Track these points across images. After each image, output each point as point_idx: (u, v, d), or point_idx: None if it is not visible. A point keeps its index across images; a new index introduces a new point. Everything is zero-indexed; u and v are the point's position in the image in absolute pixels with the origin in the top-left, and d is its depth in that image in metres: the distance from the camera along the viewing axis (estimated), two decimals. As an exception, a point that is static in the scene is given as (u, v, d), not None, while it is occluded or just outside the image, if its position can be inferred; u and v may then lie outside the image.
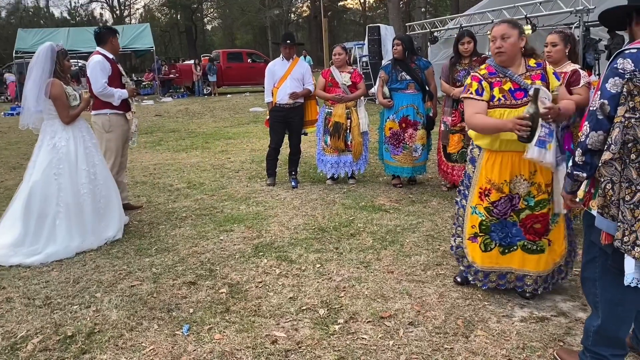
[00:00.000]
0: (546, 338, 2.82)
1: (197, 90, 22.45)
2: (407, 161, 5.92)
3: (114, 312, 3.26)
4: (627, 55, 2.06)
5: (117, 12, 48.97)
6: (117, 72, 5.07)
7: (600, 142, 2.10)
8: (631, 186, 2.02)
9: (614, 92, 2.05)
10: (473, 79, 3.12)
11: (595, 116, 2.10)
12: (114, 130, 5.10)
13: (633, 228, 2.01)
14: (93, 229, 4.42)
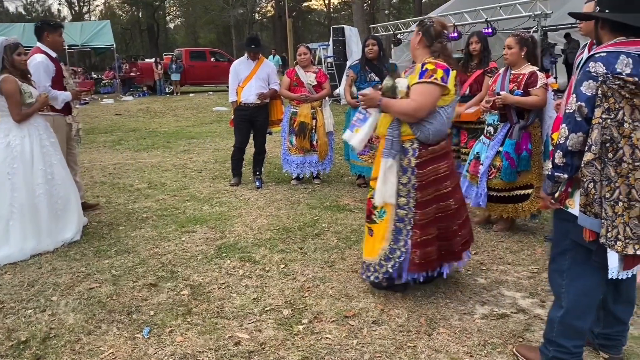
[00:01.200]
0: (506, 334, 2.88)
1: (158, 89, 22.07)
2: (373, 161, 5.93)
3: (71, 315, 3.16)
4: (598, 59, 2.14)
5: (76, 9, 47.68)
6: (61, 73, 4.86)
7: (580, 143, 2.15)
8: (610, 184, 2.09)
9: (589, 94, 2.12)
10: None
11: (574, 118, 2.16)
12: (56, 132, 4.87)
13: (614, 223, 2.09)
14: (49, 230, 4.27)
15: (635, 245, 2.11)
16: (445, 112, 3.09)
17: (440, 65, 3.03)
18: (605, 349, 2.61)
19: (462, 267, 3.57)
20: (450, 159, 3.25)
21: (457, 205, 3.24)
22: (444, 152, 3.17)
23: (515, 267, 3.78)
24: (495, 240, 4.32)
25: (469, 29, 11.19)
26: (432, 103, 3.01)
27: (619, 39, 2.17)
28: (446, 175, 3.15)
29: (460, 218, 3.26)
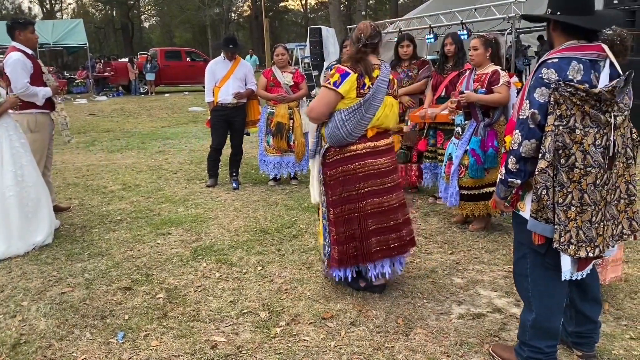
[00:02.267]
0: (482, 334, 2.90)
1: (133, 89, 21.77)
2: None
3: (42, 321, 3.08)
4: (550, 65, 2.16)
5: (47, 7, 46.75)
6: (39, 70, 4.77)
7: (533, 149, 2.17)
8: (563, 189, 2.12)
9: (542, 101, 2.14)
10: None
11: (527, 125, 2.17)
12: (40, 130, 4.80)
13: (567, 228, 2.12)
14: (20, 233, 4.17)
15: (588, 248, 2.15)
16: (340, 115, 3.09)
17: (340, 69, 3.09)
18: (579, 347, 2.65)
19: (400, 270, 3.45)
20: (371, 160, 3.17)
21: (383, 208, 3.21)
22: (358, 154, 3.15)
23: (491, 266, 3.82)
24: (471, 240, 4.36)
25: (445, 31, 11.29)
26: (323, 106, 3.12)
27: (570, 43, 2.20)
28: (361, 176, 3.16)
29: (392, 219, 3.24)
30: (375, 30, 3.18)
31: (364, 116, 3.08)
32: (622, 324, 2.97)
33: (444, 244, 4.27)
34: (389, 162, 3.24)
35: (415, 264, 3.86)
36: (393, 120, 3.27)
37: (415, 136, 5.43)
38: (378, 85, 3.10)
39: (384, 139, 3.23)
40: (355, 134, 3.10)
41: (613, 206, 2.23)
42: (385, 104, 3.15)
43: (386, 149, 3.23)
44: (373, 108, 3.10)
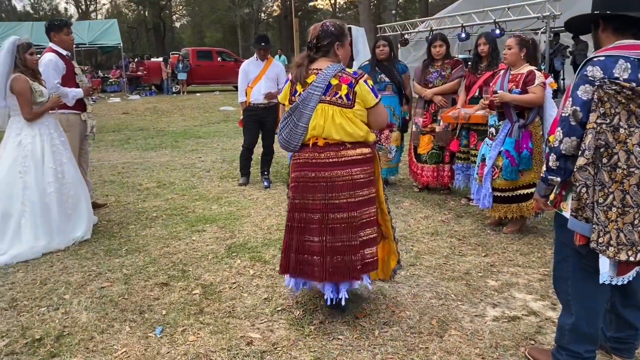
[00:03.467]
0: (518, 337, 2.88)
1: (165, 88, 22.12)
2: (382, 162, 5.95)
3: (84, 314, 3.18)
4: (596, 63, 2.13)
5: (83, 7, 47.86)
6: (72, 71, 4.90)
7: (574, 147, 2.16)
8: (604, 189, 2.09)
9: (585, 99, 2.11)
10: None
11: (568, 122, 2.15)
12: (71, 130, 4.91)
13: (607, 229, 2.08)
14: (60, 229, 4.30)
15: (629, 252, 2.10)
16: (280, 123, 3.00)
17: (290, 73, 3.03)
18: (618, 353, 2.60)
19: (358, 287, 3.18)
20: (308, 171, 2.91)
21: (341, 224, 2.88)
22: (299, 163, 2.96)
23: (526, 269, 3.78)
24: (506, 242, 4.32)
25: (477, 30, 11.18)
26: (281, 112, 3.12)
27: (619, 42, 2.16)
28: (302, 187, 2.93)
29: (350, 238, 2.89)
30: (326, 31, 2.92)
31: (297, 125, 2.88)
32: (663, 331, 2.90)
33: (477, 246, 4.24)
34: (333, 176, 2.87)
35: (449, 265, 3.85)
36: (338, 131, 2.85)
37: (448, 136, 5.39)
38: (309, 92, 2.84)
39: (331, 151, 2.87)
40: (293, 142, 2.93)
41: None
42: (317, 113, 2.84)
43: (331, 162, 2.87)
44: (305, 117, 2.86)
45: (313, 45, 2.93)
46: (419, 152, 5.73)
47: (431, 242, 4.34)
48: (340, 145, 2.88)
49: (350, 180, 2.88)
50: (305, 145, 2.93)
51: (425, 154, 5.67)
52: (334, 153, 2.88)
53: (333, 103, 2.84)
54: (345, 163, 2.88)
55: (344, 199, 2.87)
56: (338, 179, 2.87)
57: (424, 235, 4.49)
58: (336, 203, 2.87)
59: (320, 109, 2.84)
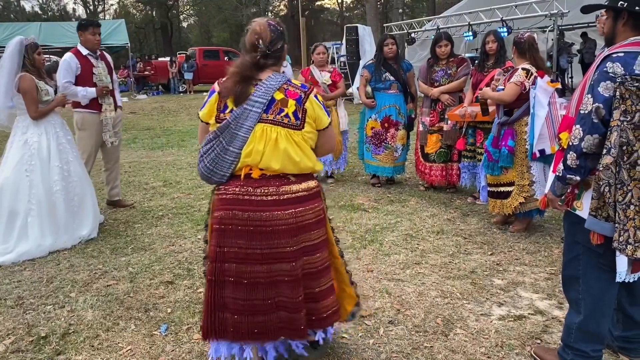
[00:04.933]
0: (524, 336, 2.86)
1: (172, 87, 22.19)
2: (388, 161, 5.94)
3: (89, 312, 3.19)
4: (616, 59, 2.09)
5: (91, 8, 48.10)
6: (88, 71, 4.93)
7: (596, 145, 2.11)
8: (623, 187, 2.07)
9: (607, 95, 2.08)
10: None
11: (590, 120, 2.10)
12: (86, 129, 5.01)
13: (625, 227, 2.07)
14: (66, 227, 4.32)
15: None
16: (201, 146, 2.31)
17: (214, 85, 2.31)
18: (625, 352, 2.58)
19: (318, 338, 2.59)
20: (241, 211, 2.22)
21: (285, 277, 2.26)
22: (225, 199, 2.25)
23: (532, 268, 3.75)
24: (512, 240, 4.29)
25: (484, 28, 11.12)
26: (200, 131, 2.39)
27: (635, 38, 2.13)
28: (248, 232, 2.22)
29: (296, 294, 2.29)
30: (277, 32, 2.29)
31: (226, 149, 2.22)
32: (671, 330, 2.88)
33: (483, 245, 4.21)
34: (273, 219, 2.22)
35: (455, 264, 3.83)
36: (280, 159, 2.22)
37: (456, 135, 5.37)
38: (245, 109, 2.20)
39: (271, 186, 2.24)
40: (219, 172, 2.26)
41: None
42: (256, 135, 2.20)
43: (270, 201, 2.22)
44: (238, 140, 2.21)
45: (265, 50, 2.25)
46: (426, 151, 5.71)
47: (437, 240, 4.32)
48: (281, 179, 2.26)
49: (295, 223, 2.26)
50: (235, 176, 2.27)
51: (433, 153, 5.65)
52: (273, 189, 2.24)
53: (277, 123, 2.22)
54: (288, 202, 2.25)
55: (287, 247, 2.24)
56: (279, 222, 2.23)
57: (429, 234, 4.47)
58: (278, 252, 2.24)
59: (260, 131, 2.21)
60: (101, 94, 4.98)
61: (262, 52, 2.24)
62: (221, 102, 2.26)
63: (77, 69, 4.87)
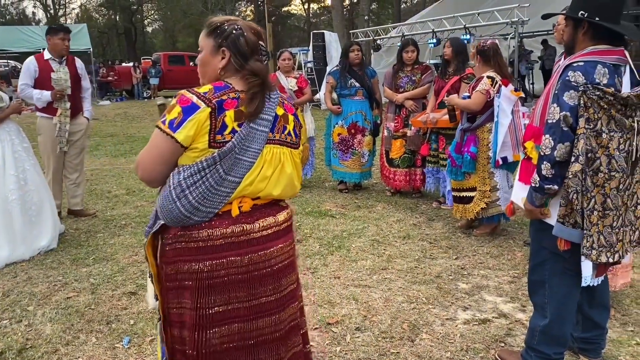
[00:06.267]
0: (488, 339, 2.90)
1: (136, 93, 21.82)
2: (356, 166, 5.97)
3: (48, 326, 3.09)
4: (577, 68, 2.13)
5: (51, 12, 46.96)
6: (46, 75, 4.84)
7: (567, 153, 2.13)
8: (587, 193, 2.11)
9: (572, 104, 2.11)
10: None
11: (560, 128, 2.12)
12: (42, 133, 4.96)
13: (589, 232, 2.11)
14: (24, 238, 4.17)
15: (607, 253, 2.14)
16: (177, 177, 1.73)
17: (185, 98, 1.73)
18: (585, 353, 2.64)
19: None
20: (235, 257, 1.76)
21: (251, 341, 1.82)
22: (211, 247, 1.75)
23: (496, 271, 3.81)
24: (476, 245, 4.36)
25: (448, 35, 11.32)
26: (153, 159, 1.75)
27: (594, 47, 2.18)
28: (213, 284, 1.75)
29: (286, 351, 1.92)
30: (257, 35, 1.87)
31: (223, 180, 1.74)
32: (629, 330, 2.97)
33: (448, 249, 4.26)
34: (275, 256, 1.84)
35: (420, 269, 3.86)
36: (283, 184, 1.86)
37: (419, 140, 5.43)
38: (252, 128, 1.76)
39: (268, 215, 1.85)
40: (205, 209, 1.74)
41: (631, 212, 2.23)
42: (265, 159, 1.80)
43: (270, 235, 1.83)
44: (242, 166, 1.76)
45: (269, 55, 1.94)
46: (391, 156, 5.76)
47: (403, 245, 4.35)
48: (273, 206, 1.90)
49: (293, 255, 1.95)
50: (223, 213, 1.79)
51: (397, 159, 5.70)
52: (272, 219, 1.85)
53: (283, 143, 1.87)
54: (286, 230, 1.91)
55: (291, 285, 1.93)
56: (285, 256, 1.89)
57: (395, 239, 4.50)
58: (287, 293, 1.90)
59: (270, 153, 1.82)
60: (55, 98, 4.86)
61: (266, 57, 1.89)
62: (216, 120, 1.71)
63: (36, 72, 4.85)
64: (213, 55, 1.83)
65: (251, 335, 1.81)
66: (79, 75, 5.14)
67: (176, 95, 1.75)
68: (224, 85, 1.77)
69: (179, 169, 1.74)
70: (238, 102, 1.75)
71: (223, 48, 1.80)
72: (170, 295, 1.81)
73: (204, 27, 1.87)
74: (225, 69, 1.82)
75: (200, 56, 1.87)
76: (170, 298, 1.82)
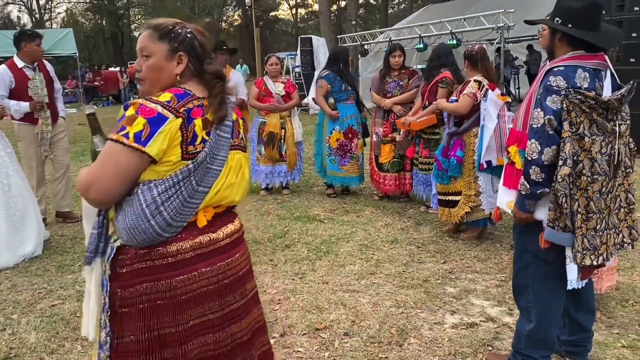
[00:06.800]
0: (476, 343, 2.91)
1: (123, 98, 21.68)
2: (355, 170, 5.99)
3: (33, 334, 3.05)
4: (557, 73, 2.16)
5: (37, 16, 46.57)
6: (23, 84, 4.76)
7: (554, 156, 2.14)
8: (572, 196, 2.13)
9: (555, 108, 2.13)
10: None
11: (546, 132, 2.14)
12: (23, 139, 4.92)
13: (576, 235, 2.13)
14: (8, 244, 4.12)
15: (592, 256, 2.16)
16: (150, 194, 1.61)
17: (147, 109, 1.60)
18: (572, 356, 2.66)
19: None
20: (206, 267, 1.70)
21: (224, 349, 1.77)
22: (181, 261, 1.66)
23: (483, 275, 3.83)
24: (464, 249, 4.37)
25: (435, 40, 11.39)
26: (114, 178, 1.58)
27: (574, 52, 2.22)
28: (185, 300, 1.67)
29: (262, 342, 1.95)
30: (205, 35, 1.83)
31: (194, 191, 1.67)
32: (614, 333, 2.99)
33: (436, 253, 4.28)
34: (239, 262, 1.82)
35: (408, 273, 3.87)
36: (243, 190, 1.83)
37: (409, 144, 5.46)
38: (218, 135, 1.71)
39: (228, 223, 1.81)
40: (176, 224, 1.66)
41: (614, 215, 2.25)
42: (230, 166, 1.77)
43: (233, 242, 1.81)
44: (211, 175, 1.71)
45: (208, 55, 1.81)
46: (380, 161, 5.77)
47: (391, 250, 4.36)
48: (229, 212, 1.86)
49: (249, 261, 1.92)
50: (188, 225, 1.70)
51: (387, 163, 5.71)
52: (232, 225, 1.82)
53: (240, 148, 1.84)
54: (242, 237, 1.88)
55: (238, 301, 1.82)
56: (247, 262, 1.88)
57: (384, 244, 4.50)
58: (251, 298, 1.89)
59: (233, 160, 1.78)
60: (35, 109, 4.79)
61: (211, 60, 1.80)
62: (187, 131, 1.62)
63: (11, 82, 4.73)
64: (168, 60, 1.71)
65: (226, 342, 1.78)
66: (51, 78, 5.09)
67: (128, 105, 1.63)
68: (184, 93, 1.66)
69: (150, 185, 1.62)
70: (203, 110, 1.67)
71: (180, 52, 1.71)
72: (126, 320, 1.66)
73: (150, 31, 1.74)
74: (181, 75, 1.73)
75: (149, 63, 1.72)
76: (126, 324, 1.66)
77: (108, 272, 1.68)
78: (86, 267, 1.75)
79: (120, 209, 1.65)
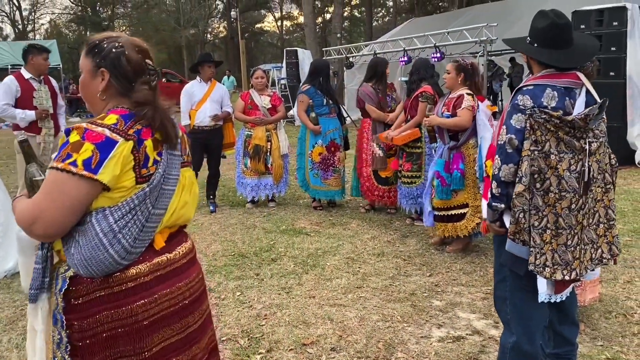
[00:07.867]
0: (462, 357, 2.92)
1: (108, 110, 21.57)
2: (337, 184, 6.00)
3: (15, 352, 2.99)
4: (526, 92, 2.23)
5: (20, 27, 46.21)
6: (29, 94, 4.94)
7: (512, 174, 2.21)
8: (538, 212, 2.16)
9: (519, 127, 2.19)
10: None
11: (505, 150, 2.22)
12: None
13: (542, 251, 2.16)
14: (-10, 260, 4.06)
15: (564, 271, 2.19)
16: (105, 222, 1.54)
17: (94, 133, 1.52)
18: (557, 368, 2.67)
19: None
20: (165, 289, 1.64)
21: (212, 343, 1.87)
22: (140, 285, 1.60)
23: (469, 288, 3.85)
24: (449, 261, 4.40)
25: (419, 54, 11.50)
26: (63, 210, 1.49)
27: (546, 71, 2.27)
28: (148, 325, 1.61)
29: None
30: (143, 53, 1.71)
31: (151, 214, 1.62)
32: (598, 345, 3.02)
33: (422, 266, 4.29)
34: (196, 282, 1.77)
35: (395, 286, 3.87)
36: (194, 208, 1.83)
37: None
38: (170, 154, 1.67)
39: (182, 242, 1.77)
40: (135, 251, 1.60)
41: (592, 230, 2.28)
42: (183, 184, 1.74)
43: (188, 262, 1.76)
44: (165, 196, 1.66)
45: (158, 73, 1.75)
46: (386, 175, 5.71)
47: (377, 263, 4.37)
48: (181, 232, 1.82)
49: (203, 280, 1.86)
50: (146, 247, 1.64)
51: (391, 176, 5.69)
52: (186, 245, 1.78)
53: (188, 164, 1.81)
54: (195, 256, 1.85)
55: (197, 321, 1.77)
56: (199, 283, 1.80)
57: (370, 257, 4.51)
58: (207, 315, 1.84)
59: (184, 178, 1.75)
60: (40, 117, 4.97)
61: (156, 76, 1.70)
62: (139, 153, 1.56)
63: (17, 91, 4.93)
64: (92, 77, 1.65)
65: (199, 350, 1.75)
66: (56, 92, 5.25)
67: (69, 130, 1.53)
68: (130, 113, 1.59)
69: (104, 213, 1.53)
70: (152, 130, 1.61)
71: (102, 69, 1.63)
72: (87, 352, 1.56)
73: (84, 46, 1.69)
74: (105, 92, 1.64)
75: (80, 79, 1.69)
76: (87, 357, 1.56)
77: (61, 304, 1.56)
78: (30, 304, 1.62)
79: (72, 240, 1.55)
